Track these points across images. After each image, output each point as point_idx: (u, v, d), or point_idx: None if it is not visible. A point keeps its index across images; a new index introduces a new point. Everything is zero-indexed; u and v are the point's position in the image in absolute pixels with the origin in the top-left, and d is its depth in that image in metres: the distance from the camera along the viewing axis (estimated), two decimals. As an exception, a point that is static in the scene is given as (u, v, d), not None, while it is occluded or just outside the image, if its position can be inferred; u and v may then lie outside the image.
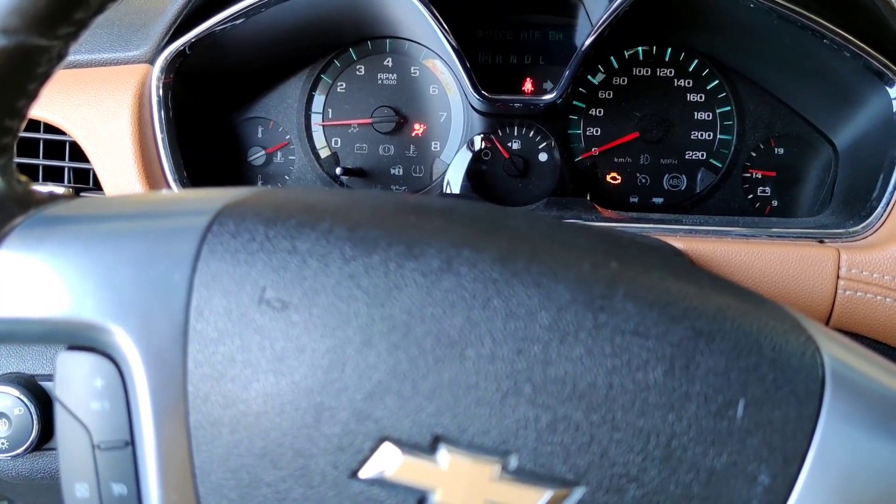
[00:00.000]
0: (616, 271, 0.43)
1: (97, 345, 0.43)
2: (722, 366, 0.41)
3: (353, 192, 0.50)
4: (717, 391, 0.40)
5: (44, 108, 0.90)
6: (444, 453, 0.39)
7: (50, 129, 0.93)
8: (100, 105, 0.88)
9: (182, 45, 0.91)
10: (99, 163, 0.88)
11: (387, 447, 0.40)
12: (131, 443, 0.42)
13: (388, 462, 0.39)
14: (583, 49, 0.94)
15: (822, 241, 0.84)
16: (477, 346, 0.40)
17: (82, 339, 0.44)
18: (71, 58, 0.93)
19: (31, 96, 0.44)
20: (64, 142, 0.93)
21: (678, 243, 0.81)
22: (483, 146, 1.05)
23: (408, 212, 0.46)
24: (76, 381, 0.44)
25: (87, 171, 0.92)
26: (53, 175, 0.95)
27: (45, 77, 0.44)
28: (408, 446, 0.39)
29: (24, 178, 0.46)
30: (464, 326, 0.40)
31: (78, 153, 0.92)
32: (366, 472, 0.40)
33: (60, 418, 0.44)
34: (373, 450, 0.40)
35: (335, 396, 0.40)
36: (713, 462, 0.39)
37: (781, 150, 1.05)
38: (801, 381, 0.41)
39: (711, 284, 0.46)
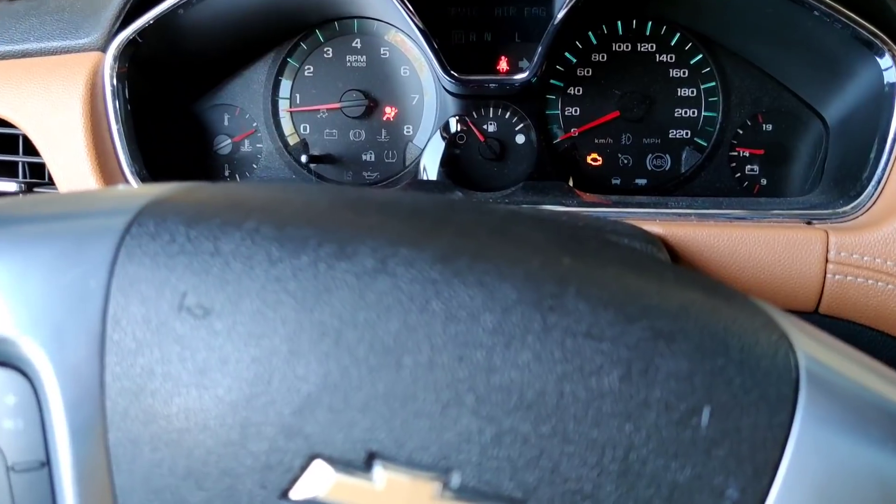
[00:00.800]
0: (568, 268, 0.40)
1: (7, 358, 0.41)
2: (684, 369, 0.37)
3: (286, 186, 0.47)
4: (679, 397, 0.37)
5: (-9, 101, 0.87)
6: (380, 471, 0.37)
7: (1, 122, 0.89)
8: (50, 96, 0.85)
9: (135, 32, 0.88)
10: (50, 156, 0.85)
11: (318, 465, 0.37)
12: (47, 463, 0.40)
13: (320, 481, 0.37)
14: (555, 23, 0.90)
15: (809, 223, 0.80)
16: (414, 353, 0.37)
17: (-9, 353, 0.40)
18: (19, 46, 0.89)
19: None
20: (17, 135, 0.89)
21: (657, 228, 0.78)
22: (458, 129, 1.01)
23: (343, 207, 0.43)
24: (-14, 398, 0.41)
25: (42, 166, 0.89)
26: (8, 170, 0.92)
27: None
28: (341, 464, 0.37)
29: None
30: (400, 332, 0.37)
31: (33, 146, 0.88)
32: (296, 493, 0.37)
33: (-29, 439, 0.42)
34: (303, 468, 0.37)
35: (262, 411, 0.37)
36: (676, 476, 0.36)
37: (769, 127, 1.01)
38: (772, 384, 0.38)
39: (675, 279, 0.42)
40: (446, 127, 1.02)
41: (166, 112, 1.01)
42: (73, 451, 0.39)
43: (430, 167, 1.01)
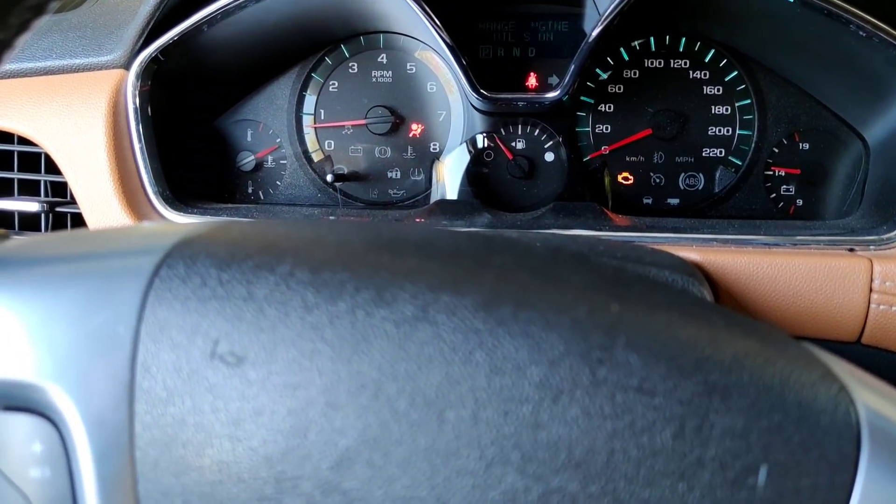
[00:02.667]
0: (616, 316, 0.38)
1: (34, 405, 0.39)
2: (740, 426, 0.36)
3: (318, 224, 0.46)
4: (734, 456, 0.35)
5: (13, 119, 0.86)
6: (420, 531, 0.35)
7: (25, 140, 0.88)
8: (72, 114, 0.84)
9: (158, 49, 0.87)
10: (72, 176, 0.84)
11: (356, 523, 0.35)
12: (75, 513, 0.38)
13: (357, 540, 0.35)
14: (590, 41, 0.88)
15: (852, 250, 0.77)
16: (457, 407, 0.35)
17: (17, 400, 0.39)
18: (41, 64, 0.88)
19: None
20: (39, 153, 0.89)
21: (694, 255, 0.75)
22: (485, 146, 0.99)
23: (379, 249, 0.41)
24: (13, 445, 0.40)
25: (65, 184, 0.88)
26: (29, 189, 0.91)
27: None
28: (380, 523, 0.35)
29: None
30: (442, 384, 0.36)
31: (55, 164, 0.88)
32: (333, 551, 0.35)
33: (-3, 486, 0.40)
34: (341, 526, 0.35)
35: (298, 465, 0.36)
36: (731, 539, 0.34)
37: (807, 146, 0.98)
38: (832, 441, 0.36)
39: (726, 326, 0.40)
40: (473, 142, 1.00)
41: (188, 128, 1.00)
42: (102, 501, 0.37)
43: (451, 183, 0.99)
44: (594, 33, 0.88)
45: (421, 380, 0.36)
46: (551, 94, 0.92)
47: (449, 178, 0.99)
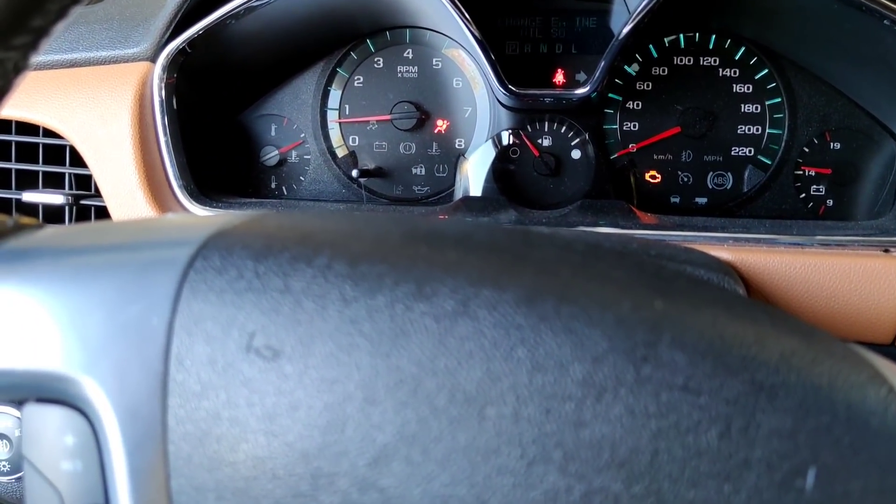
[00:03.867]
0: (661, 313, 0.37)
1: (66, 397, 0.39)
2: (788, 427, 0.35)
3: (354, 216, 0.45)
4: (782, 457, 0.34)
5: (39, 111, 0.86)
6: (459, 530, 0.34)
7: (50, 133, 0.88)
8: (98, 107, 0.84)
9: (185, 41, 0.87)
10: (98, 168, 0.84)
11: (394, 521, 0.34)
12: (106, 508, 0.37)
13: (395, 539, 0.34)
14: (620, 38, 0.87)
15: (887, 251, 0.76)
16: (498, 404, 0.34)
17: (50, 392, 0.39)
18: (67, 56, 0.88)
19: (-14, 115, 0.39)
20: (64, 146, 0.88)
21: (726, 254, 0.74)
22: (511, 143, 0.99)
23: (417, 241, 0.41)
24: (45, 437, 0.40)
25: (89, 177, 0.88)
26: (53, 181, 0.91)
27: (0, 93, 0.39)
28: (418, 521, 0.34)
29: (-16, 207, 0.41)
30: (483, 381, 0.35)
31: (80, 157, 0.87)
32: (370, 550, 0.35)
33: (29, 478, 0.40)
34: (377, 524, 0.34)
35: (334, 461, 0.35)
36: (779, 542, 0.33)
37: (838, 145, 0.97)
38: (883, 444, 0.35)
39: (771, 324, 0.39)
40: (498, 139, 0.99)
41: (212, 122, 1.00)
42: (133, 495, 0.37)
43: (475, 180, 0.98)
44: (625, 30, 0.87)
45: (461, 376, 0.35)
46: (580, 91, 0.91)
47: (473, 174, 0.98)
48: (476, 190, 0.98)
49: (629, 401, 0.34)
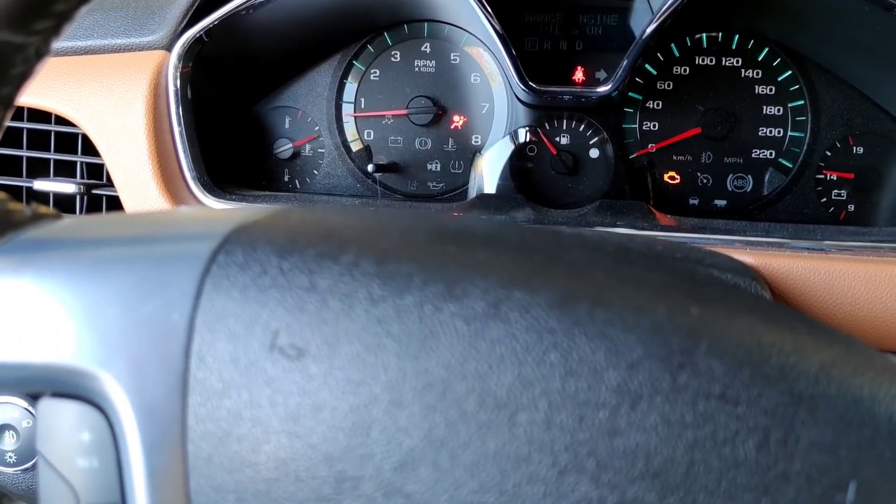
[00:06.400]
0: (697, 319, 0.36)
1: (83, 392, 0.38)
2: (828, 439, 0.33)
3: (378, 212, 0.44)
4: (822, 471, 0.33)
5: (52, 98, 0.85)
6: (487, 539, 0.33)
7: (61, 120, 0.87)
8: (112, 95, 0.83)
9: (201, 30, 0.85)
10: (110, 158, 0.83)
11: (420, 528, 0.33)
12: (122, 506, 0.36)
13: (421, 546, 0.34)
14: (643, 38, 0.86)
15: (912, 257, 0.75)
16: (530, 410, 0.33)
17: (66, 386, 0.38)
18: (82, 43, 0.87)
19: (7, 102, 0.38)
20: (76, 134, 0.87)
21: (748, 258, 0.73)
22: (528, 140, 0.97)
23: (445, 240, 0.40)
24: (60, 433, 0.39)
25: (101, 166, 0.87)
26: (64, 170, 0.90)
27: (21, 79, 0.38)
28: (444, 529, 0.33)
29: (1, 195, 0.40)
30: (514, 386, 0.34)
31: (92, 145, 0.87)
32: (394, 557, 0.34)
33: (43, 475, 0.39)
34: (403, 530, 0.33)
35: (359, 465, 0.34)
36: (817, 560, 0.32)
37: (861, 150, 0.95)
38: (927, 459, 0.34)
39: (809, 332, 0.38)
40: (515, 135, 0.98)
41: (226, 113, 0.98)
42: (151, 495, 0.36)
43: (490, 176, 0.97)
44: (649, 30, 0.85)
45: (492, 380, 0.34)
46: (601, 90, 0.90)
47: (489, 171, 0.97)
48: (492, 187, 0.97)
49: (665, 409, 0.33)
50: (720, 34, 0.98)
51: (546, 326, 0.34)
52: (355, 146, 1.05)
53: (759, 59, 0.97)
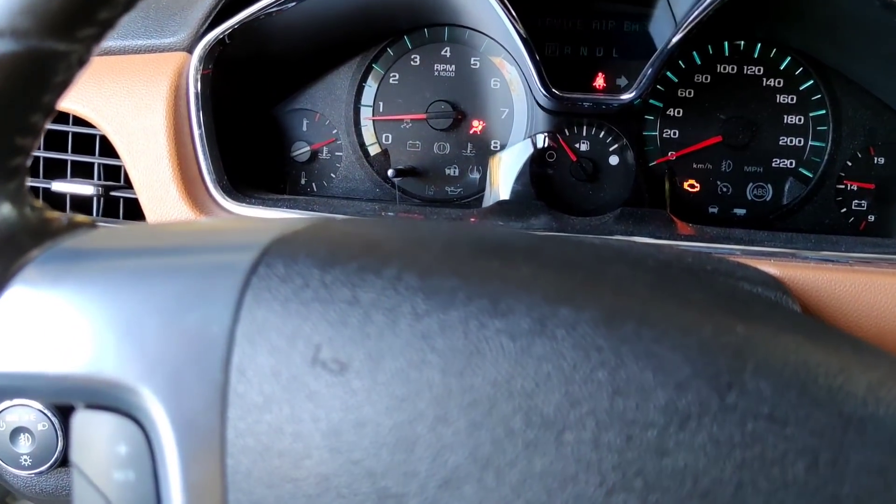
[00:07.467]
0: (744, 338, 0.36)
1: (120, 404, 0.37)
2: (877, 462, 0.33)
3: (418, 224, 0.44)
4: (871, 494, 0.33)
5: (72, 100, 0.85)
6: (533, 560, 0.33)
7: (80, 121, 0.87)
8: (132, 97, 0.82)
9: (223, 32, 0.85)
10: (130, 160, 0.82)
11: (464, 548, 0.33)
12: (159, 521, 0.36)
13: (465, 566, 0.33)
14: (668, 47, 0.85)
15: (936, 270, 0.74)
16: (577, 428, 0.33)
17: (103, 398, 0.38)
18: (102, 44, 0.86)
19: (47, 109, 0.37)
20: (94, 135, 0.87)
21: (772, 269, 0.72)
22: (547, 146, 0.97)
23: (487, 254, 0.39)
24: (96, 445, 0.38)
25: (118, 168, 0.87)
26: (82, 171, 0.90)
27: (63, 87, 0.38)
28: (490, 549, 0.33)
29: (38, 203, 0.40)
30: (561, 404, 0.33)
31: (110, 147, 0.86)
32: (438, 576, 0.33)
33: (78, 487, 0.39)
34: (447, 550, 0.33)
35: (403, 482, 0.34)
36: (866, 582, 0.32)
37: (882, 161, 0.95)
38: (976, 483, 0.33)
39: (853, 351, 0.38)
40: (534, 140, 0.97)
41: (244, 115, 0.98)
42: (188, 509, 0.36)
43: (511, 180, 0.96)
44: (674, 40, 0.85)
45: (538, 398, 0.34)
46: (625, 97, 0.89)
47: (507, 174, 0.97)
48: (511, 192, 0.96)
49: (713, 429, 0.33)
50: (742, 42, 0.97)
51: (593, 344, 0.34)
52: (373, 150, 1.05)
53: (781, 67, 0.97)
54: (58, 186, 0.87)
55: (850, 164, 0.96)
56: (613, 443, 0.33)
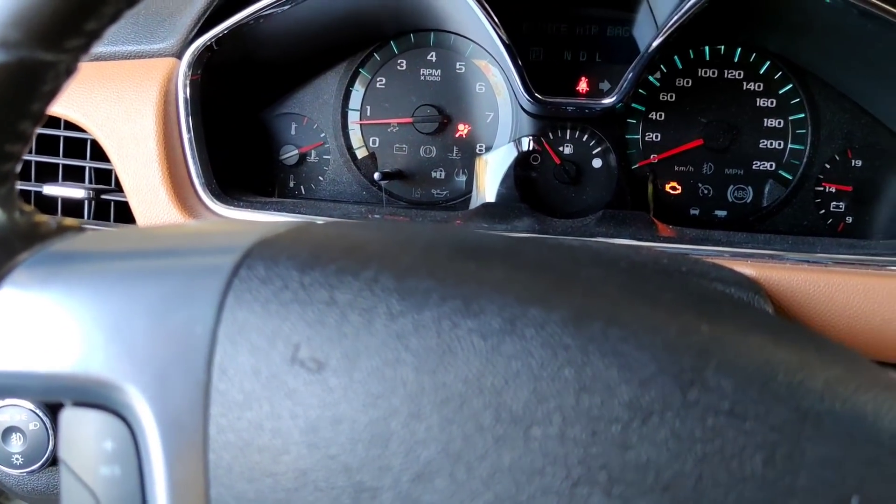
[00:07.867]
0: (708, 337, 0.37)
1: (106, 402, 0.38)
2: (833, 455, 0.34)
3: (400, 227, 0.45)
4: (827, 486, 0.34)
5: (63, 105, 0.86)
6: (502, 549, 0.34)
7: (71, 125, 0.88)
8: (123, 102, 0.83)
9: (212, 38, 0.86)
10: (121, 164, 0.83)
11: (436, 538, 0.34)
12: (144, 514, 0.37)
13: (437, 556, 0.34)
14: (649, 51, 0.87)
15: (910, 271, 0.76)
16: (544, 424, 0.34)
17: (90, 396, 0.39)
18: (92, 49, 0.88)
19: (36, 117, 0.39)
20: (85, 140, 0.88)
21: (749, 270, 0.74)
22: (532, 149, 0.98)
23: (464, 256, 0.40)
24: (83, 441, 0.39)
25: (108, 172, 0.88)
26: (72, 175, 0.91)
27: (51, 95, 0.39)
28: (460, 540, 0.33)
29: (28, 207, 0.41)
30: (529, 400, 0.34)
31: (101, 151, 0.87)
32: (411, 567, 0.35)
33: (66, 482, 0.40)
34: (420, 540, 0.34)
35: (377, 476, 0.35)
36: (821, 573, 0.33)
37: (859, 163, 0.97)
38: (929, 475, 0.34)
39: (816, 350, 0.39)
40: (519, 143, 0.99)
41: (233, 120, 0.99)
42: (172, 503, 0.36)
43: (496, 183, 0.97)
44: (654, 44, 0.86)
45: (507, 395, 0.35)
46: (606, 101, 0.90)
47: (490, 177, 0.98)
48: (495, 195, 0.98)
49: (675, 425, 0.34)
50: (723, 47, 0.99)
51: (561, 343, 0.35)
52: (360, 153, 1.06)
53: (761, 72, 0.98)
54: (49, 190, 0.88)
55: (828, 166, 0.97)
56: (579, 437, 0.34)
